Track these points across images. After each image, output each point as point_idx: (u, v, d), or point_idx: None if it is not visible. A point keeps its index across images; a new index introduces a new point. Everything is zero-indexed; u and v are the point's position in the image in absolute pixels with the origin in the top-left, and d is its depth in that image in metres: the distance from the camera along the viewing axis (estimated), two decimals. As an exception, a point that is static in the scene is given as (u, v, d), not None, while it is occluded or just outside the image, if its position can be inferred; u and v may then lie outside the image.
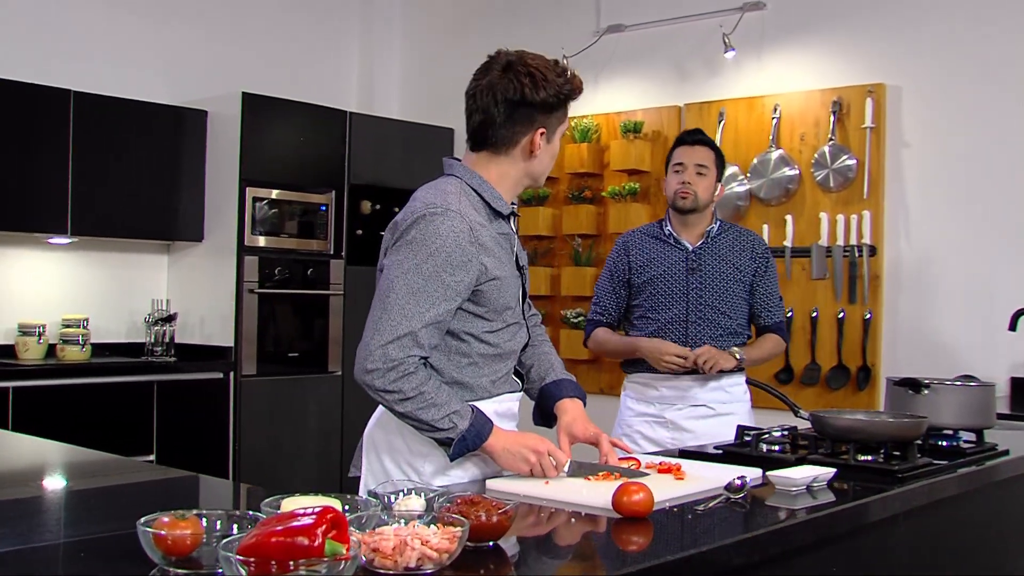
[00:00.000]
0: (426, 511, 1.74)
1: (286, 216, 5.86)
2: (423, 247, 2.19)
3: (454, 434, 2.20)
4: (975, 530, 2.72)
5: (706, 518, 1.92)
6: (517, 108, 2.30)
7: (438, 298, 2.19)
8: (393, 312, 2.17)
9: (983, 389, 2.79)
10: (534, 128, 2.32)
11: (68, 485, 2.45)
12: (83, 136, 5.33)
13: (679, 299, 3.54)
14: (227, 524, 1.60)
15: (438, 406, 2.19)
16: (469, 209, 2.27)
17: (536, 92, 2.29)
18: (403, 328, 2.16)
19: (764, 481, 2.25)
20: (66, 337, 5.34)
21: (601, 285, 3.70)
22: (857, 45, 5.06)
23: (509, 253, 2.37)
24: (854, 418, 2.53)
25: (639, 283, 3.59)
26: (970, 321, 4.68)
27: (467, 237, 2.21)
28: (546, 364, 2.55)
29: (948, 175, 4.80)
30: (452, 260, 2.19)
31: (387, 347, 2.15)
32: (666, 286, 3.55)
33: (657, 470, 2.32)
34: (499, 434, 2.26)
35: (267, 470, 5.67)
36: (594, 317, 3.69)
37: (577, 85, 2.37)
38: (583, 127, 5.84)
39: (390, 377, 2.16)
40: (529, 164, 2.37)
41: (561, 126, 2.38)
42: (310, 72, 6.60)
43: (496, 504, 1.71)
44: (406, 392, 2.17)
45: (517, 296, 2.38)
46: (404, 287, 2.18)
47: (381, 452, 2.41)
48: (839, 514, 2.05)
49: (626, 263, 3.61)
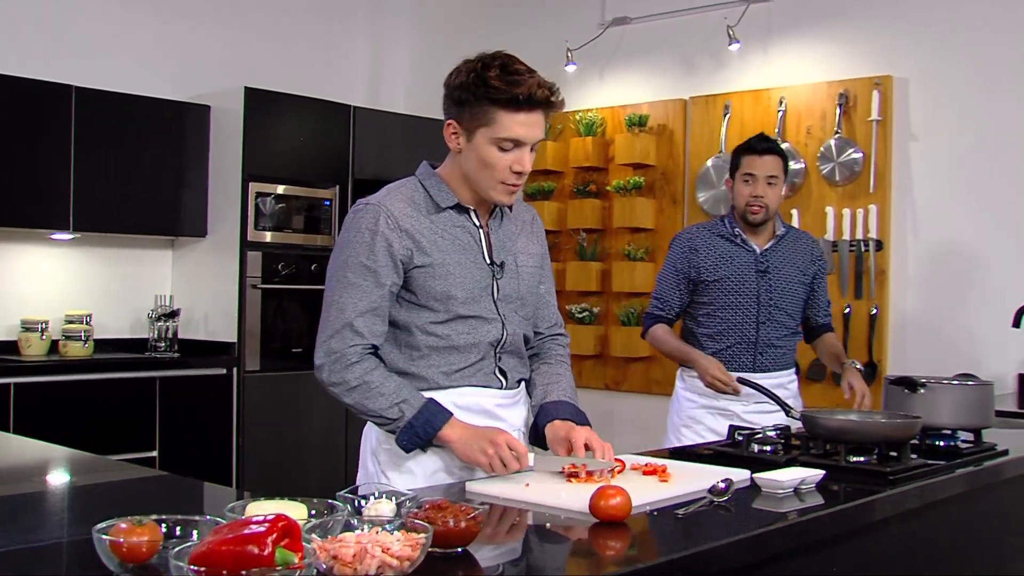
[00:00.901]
0: (396, 516, 1.71)
1: (290, 211, 5.83)
2: (345, 242, 2.30)
3: (402, 423, 2.21)
4: (972, 532, 2.66)
5: (686, 523, 1.88)
6: (444, 100, 2.31)
7: (367, 286, 2.26)
8: (331, 309, 2.28)
9: (981, 388, 2.73)
10: (446, 121, 2.30)
11: (34, 487, 2.40)
12: (85, 132, 5.32)
13: (751, 300, 3.58)
14: (187, 530, 1.57)
15: (385, 395, 2.23)
16: (400, 201, 2.30)
17: (450, 80, 2.28)
18: (340, 321, 2.26)
19: (751, 483, 2.20)
20: (68, 333, 5.33)
21: (664, 280, 3.70)
22: (863, 37, 4.99)
23: (467, 245, 2.34)
24: (846, 419, 2.48)
25: (708, 281, 3.61)
26: (978, 316, 4.61)
27: (384, 222, 2.26)
28: (552, 384, 2.48)
29: (956, 168, 4.73)
30: (368, 245, 2.26)
31: (329, 341, 2.26)
32: (737, 286, 3.59)
33: (642, 471, 2.28)
34: (456, 425, 2.24)
35: (271, 466, 5.66)
36: (655, 312, 3.71)
37: (512, 91, 2.18)
38: (588, 120, 5.79)
39: (335, 368, 2.25)
40: (461, 164, 2.32)
41: (487, 129, 2.22)
42: (317, 66, 6.57)
43: (465, 509, 1.66)
44: (350, 382, 2.24)
45: (479, 289, 2.34)
46: (335, 283, 2.29)
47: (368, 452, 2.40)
48: (824, 518, 2.00)
49: (693, 261, 3.63)
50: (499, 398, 2.39)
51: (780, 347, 3.62)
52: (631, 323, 5.58)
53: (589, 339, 5.74)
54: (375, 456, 2.36)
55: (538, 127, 2.25)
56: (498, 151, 2.24)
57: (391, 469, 2.32)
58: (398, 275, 2.28)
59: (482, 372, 2.37)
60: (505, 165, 2.25)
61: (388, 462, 2.33)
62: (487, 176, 2.27)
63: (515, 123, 2.21)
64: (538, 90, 2.21)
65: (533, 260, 2.48)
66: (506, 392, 2.41)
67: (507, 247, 2.42)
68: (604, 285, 5.75)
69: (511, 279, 2.40)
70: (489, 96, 2.20)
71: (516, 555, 1.79)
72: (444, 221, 2.33)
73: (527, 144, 2.25)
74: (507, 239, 2.43)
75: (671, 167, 5.58)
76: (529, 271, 2.46)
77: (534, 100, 2.21)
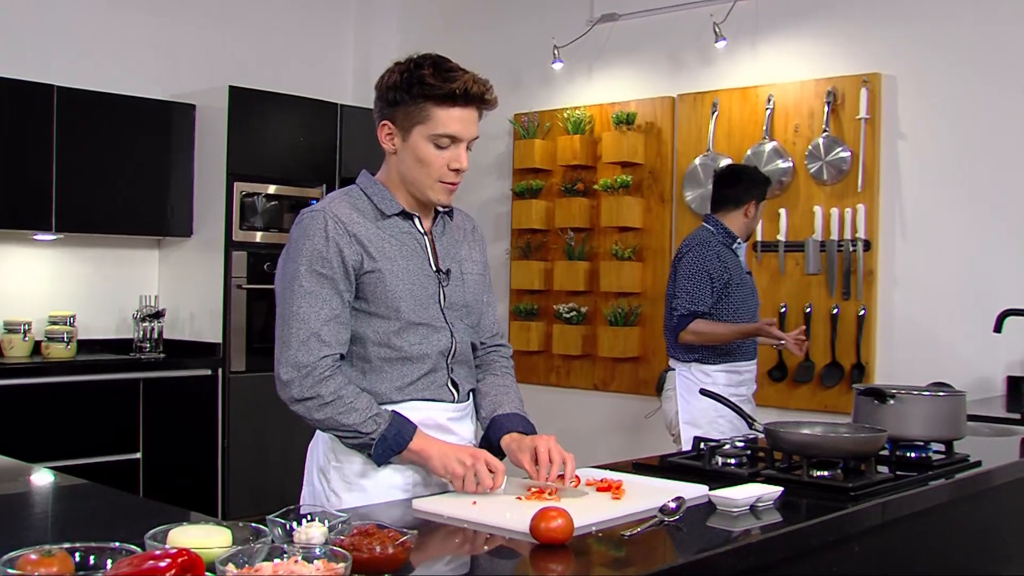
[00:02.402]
0: (328, 540, 1.66)
1: (276, 211, 5.79)
2: (295, 249, 2.23)
3: (376, 436, 2.17)
4: (942, 546, 2.60)
5: (630, 545, 1.82)
6: (376, 103, 2.29)
7: (327, 293, 2.20)
8: (291, 320, 2.20)
9: (952, 399, 2.67)
10: (380, 122, 2.28)
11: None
12: (68, 132, 5.27)
13: (753, 298, 4.28)
14: (101, 559, 1.51)
15: (358, 410, 2.18)
16: (344, 207, 2.26)
17: (381, 82, 2.26)
18: (304, 332, 2.18)
19: (708, 500, 2.14)
20: (51, 335, 5.29)
21: (697, 280, 4.09)
22: (852, 34, 4.92)
23: (413, 252, 2.30)
24: (809, 433, 2.42)
25: (732, 282, 4.14)
26: (966, 317, 4.54)
27: (333, 228, 2.21)
28: (502, 396, 2.44)
29: (944, 167, 4.65)
30: (320, 252, 2.20)
31: (296, 355, 2.17)
32: (747, 286, 4.24)
33: (597, 488, 2.22)
34: (428, 438, 2.21)
35: (256, 468, 5.62)
36: (694, 309, 4.09)
37: (447, 87, 2.17)
38: (576, 118, 5.72)
39: (307, 383, 2.17)
40: (397, 166, 2.29)
41: (423, 127, 2.20)
42: (303, 65, 6.50)
43: (392, 535, 1.62)
44: (324, 396, 2.17)
45: (426, 296, 2.29)
46: (293, 293, 2.21)
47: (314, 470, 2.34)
48: (776, 539, 1.94)
49: (722, 265, 4.12)
50: (451, 411, 2.34)
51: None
52: (619, 323, 5.52)
53: (576, 339, 5.69)
54: (323, 474, 2.30)
55: (473, 124, 2.26)
56: (435, 148, 2.23)
57: (341, 487, 2.26)
58: (351, 283, 2.24)
59: (435, 385, 2.32)
60: (443, 163, 2.24)
61: (339, 479, 2.27)
62: (424, 175, 2.25)
63: (451, 119, 2.21)
64: (473, 86, 2.21)
65: (477, 268, 2.45)
66: (458, 405, 2.36)
67: (452, 254, 2.38)
68: (592, 284, 5.69)
69: (457, 287, 2.36)
70: (424, 93, 2.19)
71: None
72: (390, 227, 2.29)
73: (463, 141, 2.25)
74: (451, 246, 2.39)
75: (659, 165, 5.51)
76: (474, 279, 2.42)
77: (470, 95, 2.21)
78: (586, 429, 5.73)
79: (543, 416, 6.00)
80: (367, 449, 2.20)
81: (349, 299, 2.24)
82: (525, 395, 2.53)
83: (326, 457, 2.30)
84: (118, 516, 2.09)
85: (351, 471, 2.26)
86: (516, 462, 2.30)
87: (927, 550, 2.52)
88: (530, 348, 5.87)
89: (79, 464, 4.99)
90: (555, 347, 5.79)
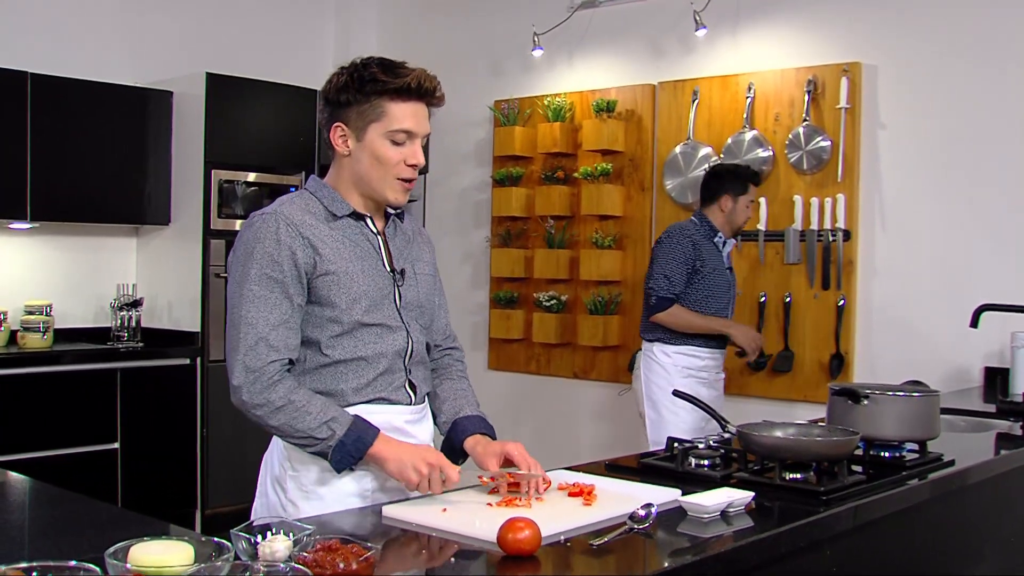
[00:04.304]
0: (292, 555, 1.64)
1: (254, 198, 5.75)
2: (246, 253, 2.20)
3: (333, 441, 2.15)
4: (914, 546, 2.60)
5: (599, 555, 1.82)
6: (323, 108, 2.28)
7: (276, 298, 2.18)
8: (240, 325, 2.17)
9: (926, 399, 2.66)
10: (331, 126, 2.26)
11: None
12: (42, 119, 5.21)
13: (727, 291, 4.46)
14: (58, 579, 1.50)
15: (312, 414, 2.16)
16: (296, 210, 2.24)
17: (328, 86, 2.27)
18: (252, 336, 2.16)
19: (679, 506, 2.14)
20: (27, 324, 5.25)
21: (674, 268, 4.33)
22: (832, 23, 4.89)
23: (366, 252, 2.29)
24: (783, 435, 2.41)
25: (704, 272, 4.35)
26: (945, 307, 4.53)
27: (285, 232, 2.19)
28: (461, 400, 2.45)
29: (924, 157, 4.64)
30: (272, 255, 2.18)
31: (244, 359, 2.15)
32: (722, 279, 4.42)
33: (569, 492, 2.21)
34: (390, 442, 2.19)
35: (235, 457, 5.59)
36: (669, 295, 4.34)
37: (399, 82, 2.19)
38: (556, 106, 5.69)
39: (256, 389, 2.15)
40: (351, 167, 2.27)
41: (378, 124, 2.21)
42: (282, 51, 6.44)
43: (356, 550, 1.60)
44: (275, 402, 2.15)
45: (382, 296, 2.28)
46: (242, 297, 2.18)
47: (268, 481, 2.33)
48: (746, 546, 1.94)
49: (696, 253, 4.34)
50: (408, 414, 2.33)
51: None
52: (599, 311, 5.50)
53: (556, 327, 5.67)
54: (278, 484, 2.28)
55: (426, 120, 2.27)
56: (392, 145, 2.23)
57: (299, 496, 2.24)
58: (303, 287, 2.21)
59: (392, 386, 2.30)
60: (399, 159, 2.23)
61: (295, 489, 2.25)
62: (382, 173, 2.24)
63: (405, 114, 2.21)
64: (425, 80, 2.22)
65: (429, 268, 2.46)
66: (415, 408, 2.35)
67: (404, 255, 2.38)
68: (572, 273, 5.67)
69: (411, 287, 2.36)
70: (377, 89, 2.19)
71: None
72: (342, 228, 2.27)
73: (419, 136, 2.25)
74: (403, 246, 2.39)
75: (639, 153, 5.49)
76: (426, 279, 2.43)
77: (422, 89, 2.22)
78: (566, 417, 5.73)
79: (523, 404, 6.03)
80: (325, 456, 2.18)
81: (300, 303, 2.21)
82: (505, 383, 2.55)
83: (282, 467, 2.28)
84: (85, 526, 2.06)
85: (308, 479, 2.25)
86: (481, 464, 2.29)
87: (899, 550, 2.52)
88: (510, 336, 5.85)
89: (56, 455, 4.97)
90: (535, 335, 5.77)
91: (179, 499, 5.45)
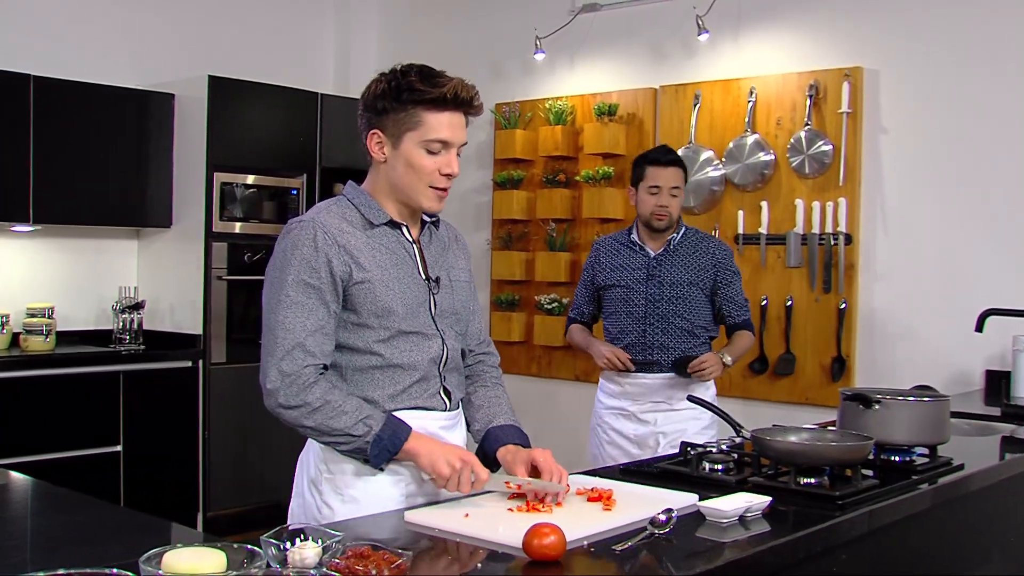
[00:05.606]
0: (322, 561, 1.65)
1: (256, 201, 5.75)
2: (283, 259, 2.22)
3: (371, 437, 2.17)
4: (924, 548, 2.63)
5: (622, 560, 1.83)
6: (361, 114, 2.29)
7: (312, 304, 2.20)
8: (277, 330, 2.19)
9: (936, 404, 2.69)
10: (368, 132, 2.28)
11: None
12: (45, 122, 5.21)
13: (639, 302, 3.85)
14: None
15: (348, 413, 2.18)
16: (334, 218, 2.26)
17: (367, 93, 2.27)
18: (289, 342, 2.18)
19: (697, 511, 2.16)
20: (29, 327, 5.25)
21: (579, 287, 4.08)
22: (834, 27, 4.92)
23: (402, 261, 2.31)
24: (797, 440, 2.43)
25: (604, 287, 3.94)
26: (946, 311, 4.57)
27: (322, 239, 2.20)
28: (495, 408, 2.46)
29: (926, 161, 4.67)
30: (309, 262, 2.20)
31: (280, 364, 2.17)
32: (626, 291, 3.87)
33: (587, 497, 2.23)
34: (422, 438, 2.22)
35: (238, 459, 5.60)
36: (572, 315, 4.11)
37: (436, 91, 2.21)
38: (557, 109, 5.71)
39: (292, 392, 2.17)
40: (387, 174, 2.30)
41: (414, 133, 2.23)
42: (283, 53, 6.45)
43: (388, 557, 1.62)
44: (312, 403, 2.17)
45: (417, 304, 2.30)
46: (277, 304, 2.20)
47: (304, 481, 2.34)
48: (765, 552, 1.96)
49: (596, 269, 3.97)
50: (443, 420, 2.35)
51: (674, 348, 3.81)
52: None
53: (558, 330, 5.68)
54: (314, 485, 2.30)
55: (462, 129, 2.29)
56: (427, 154, 2.24)
57: (334, 499, 2.26)
58: (338, 294, 2.23)
59: (427, 393, 2.32)
60: (434, 168, 2.25)
61: (331, 491, 2.27)
62: (416, 181, 2.26)
63: (441, 124, 2.23)
64: (462, 90, 2.24)
65: (464, 275, 2.47)
66: (449, 413, 2.37)
67: (440, 262, 2.40)
68: (573, 276, 5.68)
69: (447, 294, 2.38)
70: (414, 98, 2.21)
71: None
72: (378, 237, 2.30)
73: (454, 145, 2.27)
74: (439, 254, 2.41)
75: (641, 157, 5.50)
76: (462, 286, 2.44)
77: (459, 100, 2.24)
78: (568, 420, 5.74)
79: (524, 407, 6.02)
80: (362, 453, 2.20)
81: (336, 310, 2.23)
82: (507, 385, 2.56)
83: (318, 468, 2.30)
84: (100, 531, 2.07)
85: (343, 481, 2.26)
86: (510, 471, 2.31)
87: (909, 553, 2.55)
88: (511, 339, 5.87)
89: (59, 458, 4.97)
90: (536, 338, 5.79)
91: (181, 502, 5.45)
